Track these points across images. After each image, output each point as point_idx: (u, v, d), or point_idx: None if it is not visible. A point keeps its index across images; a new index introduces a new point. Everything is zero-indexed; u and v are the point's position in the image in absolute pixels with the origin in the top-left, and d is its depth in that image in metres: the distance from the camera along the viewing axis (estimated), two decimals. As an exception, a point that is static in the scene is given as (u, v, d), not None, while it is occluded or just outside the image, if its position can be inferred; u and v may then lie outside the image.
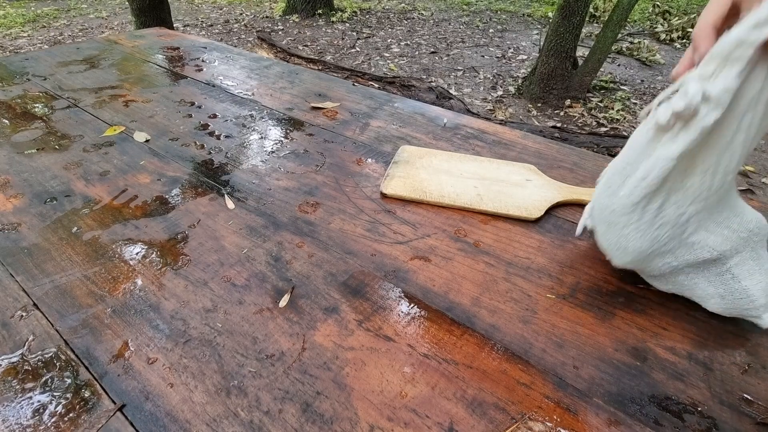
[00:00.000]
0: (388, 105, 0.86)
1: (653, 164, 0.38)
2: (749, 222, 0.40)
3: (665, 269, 0.42)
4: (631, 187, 0.40)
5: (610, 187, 0.43)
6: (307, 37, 4.38)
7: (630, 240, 0.41)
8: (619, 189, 0.41)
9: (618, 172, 0.42)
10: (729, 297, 0.40)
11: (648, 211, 0.40)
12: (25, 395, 0.34)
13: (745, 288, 0.39)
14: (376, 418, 0.33)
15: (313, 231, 0.52)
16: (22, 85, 0.89)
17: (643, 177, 0.39)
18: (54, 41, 4.03)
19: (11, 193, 0.57)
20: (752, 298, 0.39)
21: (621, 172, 0.41)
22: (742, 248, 0.39)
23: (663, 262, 0.41)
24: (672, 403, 0.35)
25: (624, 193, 0.41)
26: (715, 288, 0.40)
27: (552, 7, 5.44)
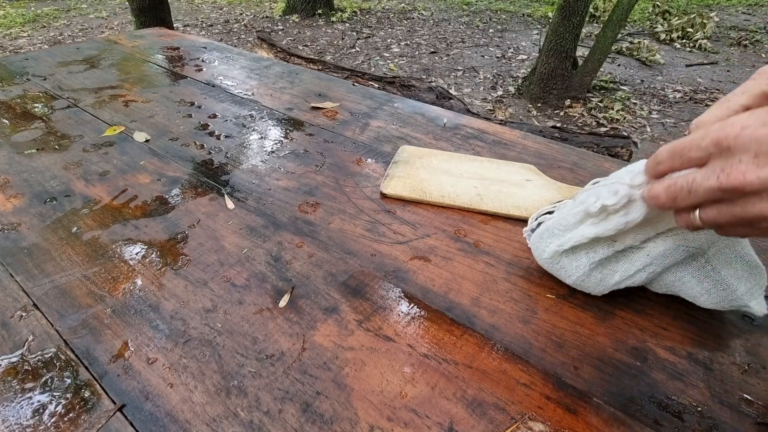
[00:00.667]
0: (388, 105, 0.86)
1: (575, 235, 0.42)
2: None
3: (652, 277, 0.42)
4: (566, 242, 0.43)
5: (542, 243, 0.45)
6: (307, 37, 4.38)
7: (586, 282, 0.43)
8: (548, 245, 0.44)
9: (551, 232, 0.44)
10: (713, 290, 0.40)
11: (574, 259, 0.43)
12: (24, 395, 0.34)
13: (724, 278, 0.39)
14: (376, 418, 0.33)
15: (313, 231, 0.52)
16: (22, 85, 0.89)
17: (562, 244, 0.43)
18: (54, 41, 4.03)
19: (11, 193, 0.57)
20: (732, 288, 0.39)
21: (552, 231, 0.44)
22: (716, 238, 0.39)
23: (646, 273, 0.42)
24: (672, 403, 0.35)
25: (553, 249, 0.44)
26: (700, 284, 0.40)
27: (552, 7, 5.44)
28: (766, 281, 0.39)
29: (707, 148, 0.29)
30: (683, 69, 3.74)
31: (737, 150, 0.27)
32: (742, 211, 0.28)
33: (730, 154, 0.27)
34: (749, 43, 4.32)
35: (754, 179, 0.26)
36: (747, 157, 0.27)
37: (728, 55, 4.04)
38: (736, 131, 0.27)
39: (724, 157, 0.28)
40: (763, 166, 0.26)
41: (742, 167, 0.27)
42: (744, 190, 0.27)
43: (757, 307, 0.39)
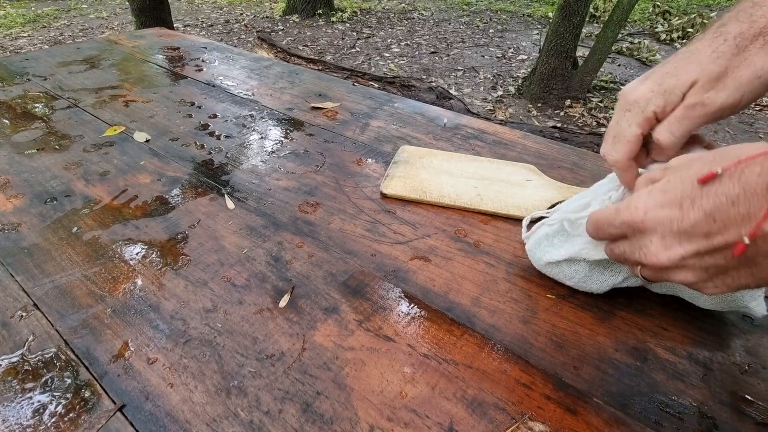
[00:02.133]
0: (388, 105, 0.86)
1: (565, 251, 0.43)
2: None
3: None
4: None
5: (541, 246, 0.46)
6: (307, 37, 4.38)
7: (588, 283, 0.44)
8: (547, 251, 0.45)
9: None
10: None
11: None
12: (25, 395, 0.34)
13: None
14: (376, 418, 0.33)
15: (313, 231, 0.52)
16: (22, 85, 0.89)
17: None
18: (54, 41, 4.03)
19: (11, 193, 0.57)
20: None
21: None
22: None
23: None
24: (672, 403, 0.35)
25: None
26: None
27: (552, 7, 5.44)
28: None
29: (621, 227, 0.33)
30: (683, 69, 3.72)
31: (646, 232, 0.31)
32: (667, 277, 0.32)
33: (642, 235, 0.31)
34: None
35: (665, 259, 0.30)
36: (656, 239, 0.31)
37: (728, 55, 4.03)
38: (641, 216, 0.31)
39: (638, 237, 0.32)
40: (669, 248, 0.30)
41: (653, 248, 0.31)
42: (657, 265, 0.31)
43: (757, 308, 0.39)
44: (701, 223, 0.28)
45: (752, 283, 0.29)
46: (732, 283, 0.30)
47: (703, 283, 0.31)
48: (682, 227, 0.29)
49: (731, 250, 0.28)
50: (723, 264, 0.29)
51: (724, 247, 0.28)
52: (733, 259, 0.29)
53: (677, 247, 0.30)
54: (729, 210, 0.27)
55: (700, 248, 0.29)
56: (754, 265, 0.28)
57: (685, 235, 0.29)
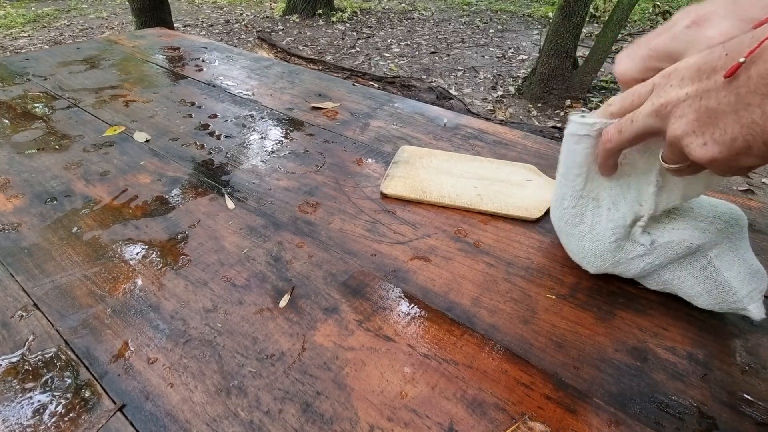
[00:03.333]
0: (388, 105, 0.86)
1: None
2: (723, 214, 0.41)
3: (648, 269, 0.42)
4: (571, 199, 0.44)
5: (558, 197, 0.46)
6: (307, 37, 4.38)
7: (589, 250, 0.44)
8: (563, 200, 0.45)
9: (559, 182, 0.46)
10: (714, 291, 0.40)
11: (592, 223, 0.44)
12: (25, 395, 0.34)
13: (726, 280, 0.39)
14: (376, 418, 0.33)
15: (313, 231, 0.52)
16: (22, 85, 0.89)
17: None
18: (54, 41, 4.03)
19: (11, 193, 0.57)
20: (734, 290, 0.39)
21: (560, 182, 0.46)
22: (719, 240, 0.40)
23: (644, 263, 0.42)
24: (672, 403, 0.35)
25: (568, 204, 0.45)
26: (701, 284, 0.40)
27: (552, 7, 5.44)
28: (766, 285, 0.39)
29: (653, 80, 0.33)
30: (683, 69, 3.73)
31: (672, 78, 0.32)
32: (668, 136, 0.32)
33: (666, 82, 0.32)
34: (750, 43, 4.31)
35: (674, 97, 0.31)
36: (675, 81, 0.31)
37: (728, 55, 4.03)
38: (674, 66, 0.32)
39: (661, 86, 0.32)
40: (684, 87, 0.31)
41: (670, 89, 0.31)
42: (667, 107, 0.31)
43: (756, 310, 0.39)
44: (716, 58, 0.29)
45: (739, 134, 0.29)
46: (720, 138, 0.29)
47: (694, 137, 0.31)
48: (699, 65, 0.30)
49: (724, 74, 0.28)
50: (714, 106, 0.29)
51: (722, 82, 0.28)
52: (724, 98, 0.28)
53: (689, 86, 0.30)
54: (743, 43, 0.28)
55: (701, 86, 0.30)
56: (742, 108, 0.28)
57: (697, 73, 0.30)
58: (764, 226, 0.54)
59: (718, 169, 0.31)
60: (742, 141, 0.28)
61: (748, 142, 0.28)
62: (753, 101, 0.27)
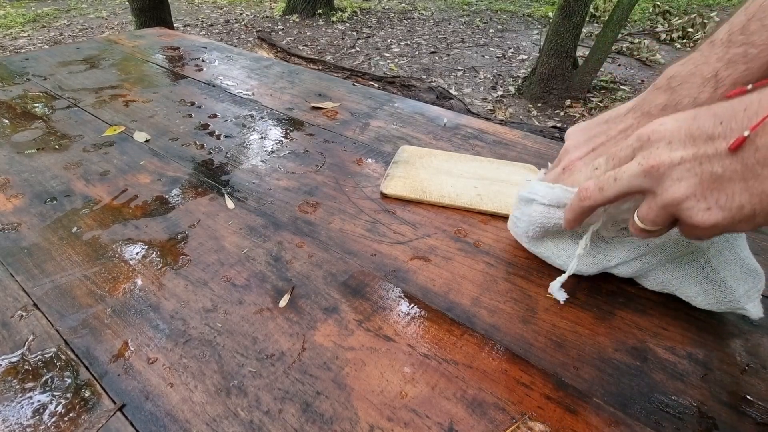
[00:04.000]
0: (388, 105, 0.86)
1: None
2: None
3: (647, 268, 0.42)
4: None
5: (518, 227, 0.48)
6: (307, 37, 4.38)
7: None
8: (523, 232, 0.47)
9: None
10: (712, 291, 0.40)
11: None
12: (25, 395, 0.34)
13: (723, 279, 0.39)
14: (376, 418, 0.33)
15: (313, 231, 0.52)
16: (22, 85, 0.89)
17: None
18: (54, 41, 4.03)
19: (11, 193, 0.57)
20: (731, 289, 0.39)
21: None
22: (717, 239, 0.40)
23: (641, 263, 0.42)
24: (672, 403, 0.35)
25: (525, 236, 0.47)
26: (699, 284, 0.41)
27: (552, 7, 5.44)
28: (763, 284, 0.39)
29: (632, 144, 0.34)
30: (683, 69, 3.72)
31: (655, 140, 0.32)
32: (662, 199, 0.31)
33: (650, 144, 0.32)
34: (749, 43, 4.30)
35: (667, 159, 0.30)
36: (663, 144, 0.31)
37: (728, 55, 4.03)
38: (655, 126, 0.32)
39: (645, 149, 0.32)
40: (674, 150, 0.30)
41: (659, 152, 0.31)
42: (659, 170, 0.31)
43: (753, 309, 0.39)
44: (708, 126, 0.29)
45: (747, 203, 0.28)
46: (726, 204, 0.29)
47: (696, 202, 0.30)
48: (689, 131, 0.30)
49: (729, 147, 0.27)
50: (720, 172, 0.28)
51: (724, 151, 0.28)
52: (730, 165, 0.28)
53: (681, 150, 0.30)
54: (738, 113, 0.28)
55: (699, 151, 0.29)
56: (752, 177, 0.27)
57: (690, 138, 0.30)
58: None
59: (711, 234, 0.31)
60: (750, 209, 0.28)
61: (755, 210, 0.28)
62: (763, 172, 0.27)
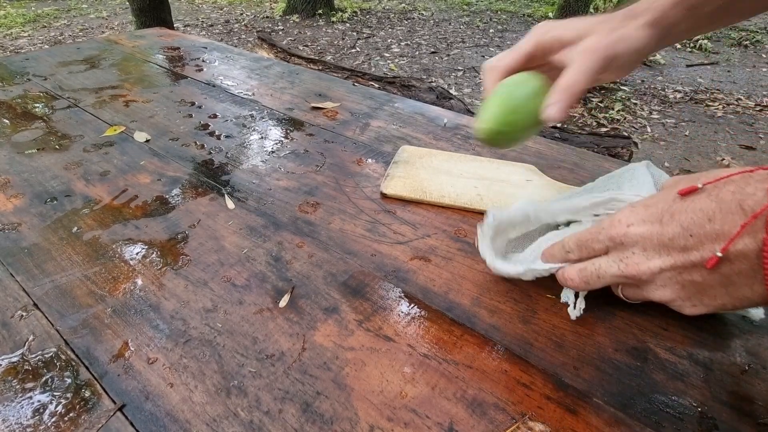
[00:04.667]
0: (389, 105, 0.86)
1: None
2: None
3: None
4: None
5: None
6: (307, 37, 4.38)
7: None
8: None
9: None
10: None
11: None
12: (25, 395, 0.34)
13: None
14: (376, 418, 0.33)
15: (313, 231, 0.52)
16: (22, 85, 0.89)
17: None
18: (54, 41, 4.03)
19: (11, 193, 0.57)
20: None
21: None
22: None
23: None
24: (672, 403, 0.35)
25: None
26: None
27: (552, 7, 5.44)
28: None
29: (604, 241, 0.34)
30: (684, 69, 3.73)
31: (629, 244, 0.32)
32: (648, 295, 0.34)
33: (624, 248, 0.33)
34: (750, 44, 4.32)
35: (646, 269, 0.32)
36: (637, 250, 0.32)
37: (729, 56, 4.04)
38: (623, 229, 0.32)
39: (620, 250, 0.33)
40: (650, 259, 0.31)
41: (635, 258, 0.32)
42: (641, 278, 0.32)
43: (755, 312, 0.39)
44: (678, 237, 0.30)
45: (729, 303, 0.30)
46: (710, 303, 0.31)
47: (681, 302, 0.32)
48: (661, 240, 0.30)
49: (705, 265, 0.29)
50: (700, 281, 0.30)
51: (700, 263, 0.29)
52: (709, 276, 0.29)
53: (656, 259, 0.31)
54: (705, 225, 0.29)
55: (677, 262, 0.30)
56: (731, 285, 0.29)
57: (664, 248, 0.30)
58: (764, 226, 0.54)
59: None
60: (731, 305, 0.31)
61: (736, 306, 0.31)
62: (741, 282, 0.29)
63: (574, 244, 0.37)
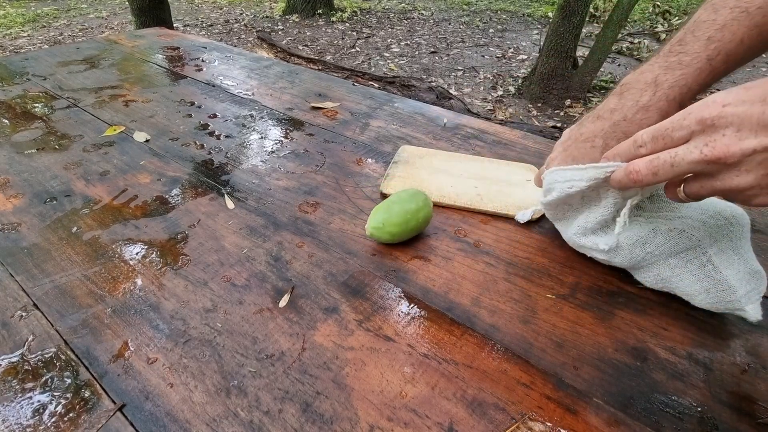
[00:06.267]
0: (388, 105, 0.86)
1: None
2: (724, 210, 0.41)
3: (649, 258, 0.42)
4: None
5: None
6: (307, 37, 4.38)
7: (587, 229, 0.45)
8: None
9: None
10: (713, 290, 0.40)
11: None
12: (25, 395, 0.34)
13: (725, 278, 0.39)
14: (376, 418, 0.33)
15: (313, 231, 0.52)
16: (22, 85, 0.89)
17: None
18: (54, 41, 4.03)
19: (11, 193, 0.57)
20: (733, 289, 0.39)
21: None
22: (720, 237, 0.40)
23: (644, 252, 0.42)
24: (672, 403, 0.35)
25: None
26: (700, 282, 0.40)
27: (552, 7, 5.44)
28: (765, 286, 0.39)
29: (689, 126, 0.31)
30: (683, 69, 3.72)
31: (720, 126, 0.29)
32: (722, 184, 0.30)
33: (714, 130, 0.30)
34: (749, 43, 4.30)
35: (737, 150, 0.28)
36: (730, 131, 0.29)
37: (728, 55, 4.03)
38: (718, 109, 0.29)
39: (707, 133, 0.30)
40: (744, 139, 0.28)
41: (725, 140, 0.29)
42: (726, 161, 0.29)
43: (753, 311, 0.39)
44: None
45: None
46: None
47: (760, 189, 0.29)
48: (763, 119, 0.28)
49: None
50: None
51: None
52: None
53: (752, 139, 0.28)
54: None
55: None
56: None
57: (764, 128, 0.28)
58: (764, 226, 0.54)
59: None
60: None
61: None
62: None
63: (649, 136, 0.34)
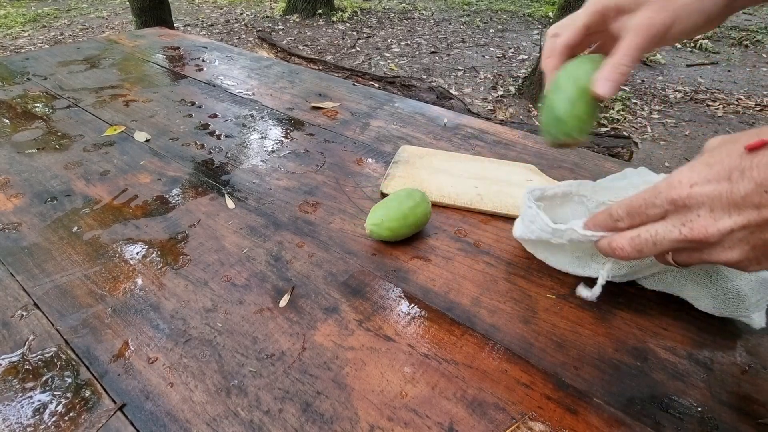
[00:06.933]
0: (389, 105, 0.86)
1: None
2: None
3: (654, 269, 0.42)
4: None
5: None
6: (307, 37, 4.38)
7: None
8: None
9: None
10: (721, 297, 0.40)
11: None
12: (25, 394, 0.34)
13: (736, 287, 0.39)
14: (376, 417, 0.33)
15: (314, 231, 0.52)
16: (22, 85, 0.89)
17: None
18: (54, 41, 4.03)
19: (11, 193, 0.57)
20: (743, 297, 0.39)
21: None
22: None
23: (673, 276, 0.42)
24: (672, 403, 0.35)
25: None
26: (706, 288, 0.40)
27: (552, 7, 5.44)
28: None
29: (662, 205, 0.32)
30: (684, 69, 3.73)
31: (693, 206, 0.30)
32: (709, 258, 0.31)
33: (688, 210, 0.30)
34: (750, 43, 4.31)
35: (715, 231, 0.29)
36: (704, 211, 0.30)
37: (729, 55, 4.04)
38: (686, 190, 0.30)
39: (682, 213, 0.31)
40: (719, 219, 0.29)
41: (701, 221, 0.30)
42: (708, 241, 0.30)
43: (758, 319, 0.39)
44: (753, 195, 0.28)
45: None
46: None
47: (748, 262, 0.30)
48: (732, 199, 0.28)
49: None
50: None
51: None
52: None
53: (726, 219, 0.28)
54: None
55: (750, 221, 0.28)
56: None
57: (735, 207, 0.28)
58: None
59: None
60: None
61: None
62: None
63: (624, 211, 0.34)
